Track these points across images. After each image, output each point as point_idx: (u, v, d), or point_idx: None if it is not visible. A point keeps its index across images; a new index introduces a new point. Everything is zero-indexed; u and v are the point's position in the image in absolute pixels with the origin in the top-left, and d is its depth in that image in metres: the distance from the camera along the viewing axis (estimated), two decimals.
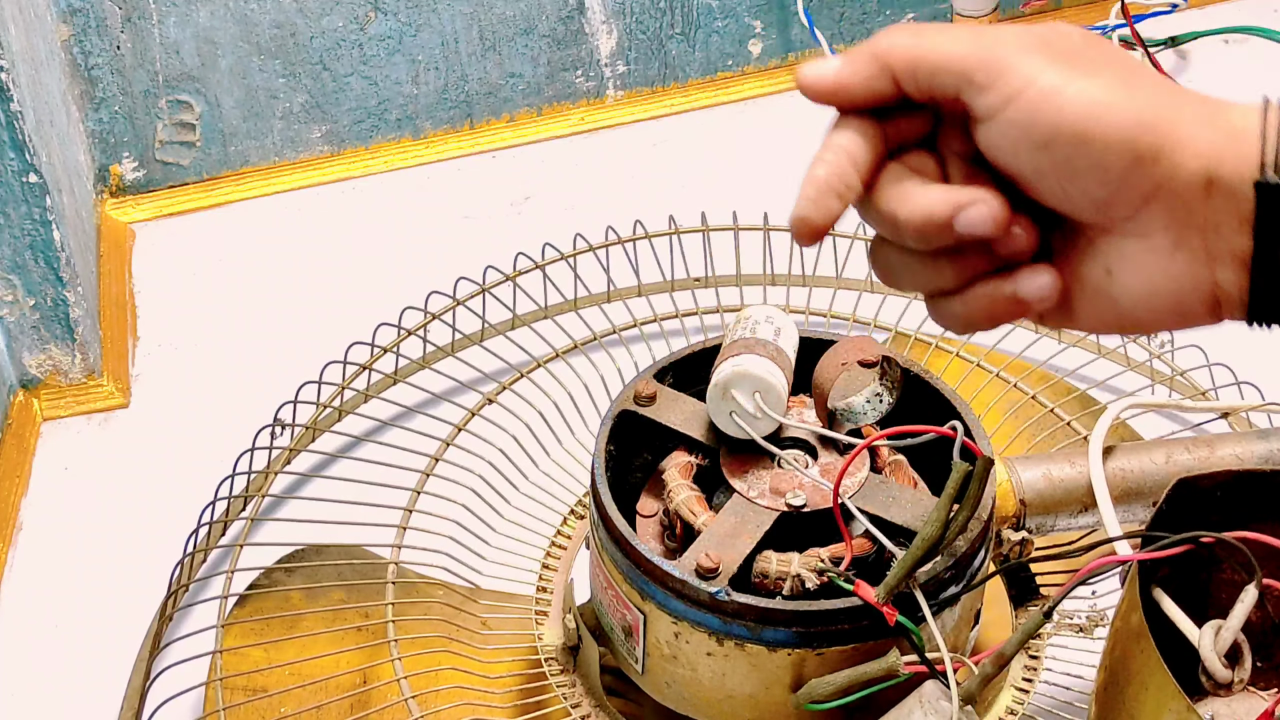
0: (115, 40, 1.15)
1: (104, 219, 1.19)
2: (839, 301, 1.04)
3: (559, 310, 1.04)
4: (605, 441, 0.75)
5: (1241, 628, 0.64)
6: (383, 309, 1.02)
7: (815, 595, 0.68)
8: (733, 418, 0.73)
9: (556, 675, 0.79)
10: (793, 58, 1.34)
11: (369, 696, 0.81)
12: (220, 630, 0.83)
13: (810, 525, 0.71)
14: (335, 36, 1.20)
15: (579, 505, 0.89)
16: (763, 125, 1.29)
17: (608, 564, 0.72)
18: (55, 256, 1.00)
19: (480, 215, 1.21)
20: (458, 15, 1.22)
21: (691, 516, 0.72)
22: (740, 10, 1.29)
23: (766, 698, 0.70)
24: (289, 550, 0.89)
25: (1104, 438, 0.81)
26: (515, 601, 0.85)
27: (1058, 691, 0.79)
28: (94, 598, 0.93)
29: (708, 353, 0.79)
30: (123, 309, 1.12)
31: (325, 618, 0.85)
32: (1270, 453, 0.82)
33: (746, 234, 1.06)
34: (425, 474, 0.92)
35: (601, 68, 1.29)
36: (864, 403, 0.74)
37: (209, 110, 1.21)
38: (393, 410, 0.99)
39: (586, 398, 0.95)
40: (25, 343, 1.03)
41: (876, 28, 1.34)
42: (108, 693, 0.86)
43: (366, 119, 1.25)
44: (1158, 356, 0.99)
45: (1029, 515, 0.81)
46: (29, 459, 1.01)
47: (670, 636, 0.70)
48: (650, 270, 1.06)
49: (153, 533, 0.95)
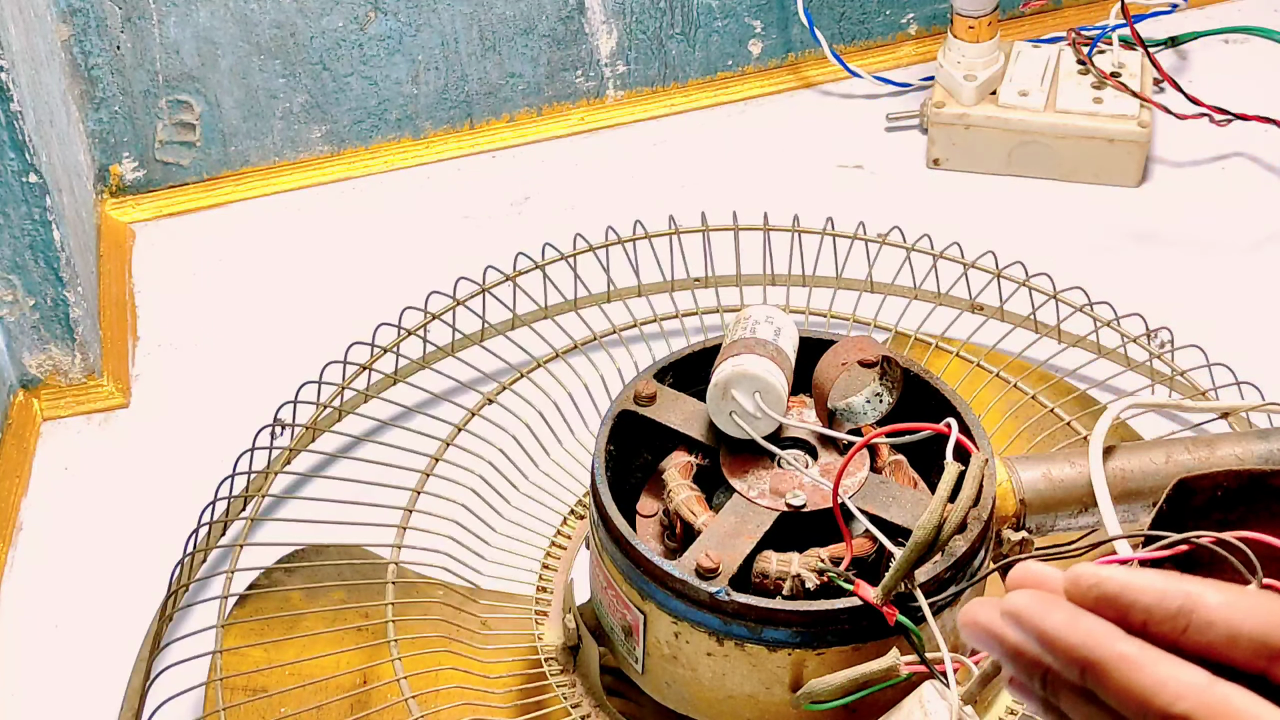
0: (115, 40, 1.15)
1: (104, 219, 1.19)
2: (839, 301, 1.04)
3: (559, 310, 1.04)
4: (605, 441, 0.75)
5: None
6: (383, 309, 1.02)
7: (815, 595, 0.68)
8: (733, 418, 0.73)
9: (556, 675, 0.79)
10: (793, 57, 1.34)
11: (369, 696, 0.81)
12: (220, 630, 0.83)
13: (810, 525, 0.72)
14: (335, 36, 1.20)
15: (579, 505, 0.89)
16: (763, 125, 1.29)
17: (608, 564, 0.72)
18: (55, 256, 1.00)
19: (480, 215, 1.21)
20: (458, 15, 1.22)
21: (691, 516, 0.72)
22: (740, 10, 1.29)
23: (766, 698, 0.70)
24: (289, 550, 0.89)
25: (1104, 438, 0.81)
26: (515, 601, 0.85)
27: None
28: (94, 598, 0.93)
29: (708, 353, 0.79)
30: (123, 309, 1.12)
31: (325, 618, 0.85)
32: (1270, 453, 0.82)
33: (746, 234, 1.06)
34: (425, 474, 0.92)
35: (601, 68, 1.29)
36: (864, 403, 0.74)
37: (209, 110, 1.21)
38: (393, 410, 0.99)
39: (586, 398, 0.95)
40: (25, 343, 1.03)
41: (876, 28, 1.34)
42: (108, 693, 0.86)
43: (366, 119, 1.25)
44: (1158, 356, 0.99)
45: (1029, 515, 0.81)
46: (29, 459, 1.01)
47: (670, 636, 0.70)
48: (650, 270, 1.06)
49: (153, 533, 0.95)
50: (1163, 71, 1.22)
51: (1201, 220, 1.18)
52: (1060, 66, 1.24)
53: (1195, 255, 1.15)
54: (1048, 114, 1.20)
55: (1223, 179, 1.22)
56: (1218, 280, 1.12)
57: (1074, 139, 1.20)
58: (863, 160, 1.25)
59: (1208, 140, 1.23)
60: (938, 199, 1.21)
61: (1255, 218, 1.18)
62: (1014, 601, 0.40)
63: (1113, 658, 0.38)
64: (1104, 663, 0.38)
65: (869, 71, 1.31)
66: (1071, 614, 0.39)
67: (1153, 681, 0.38)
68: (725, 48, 1.31)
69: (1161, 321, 1.01)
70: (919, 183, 1.23)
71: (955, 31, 1.22)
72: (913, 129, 1.27)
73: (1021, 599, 0.40)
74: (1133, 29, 1.22)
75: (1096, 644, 0.39)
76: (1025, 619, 0.40)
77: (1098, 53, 1.25)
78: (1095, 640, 0.39)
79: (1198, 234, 1.16)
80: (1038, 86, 1.22)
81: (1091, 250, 1.15)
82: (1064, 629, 0.39)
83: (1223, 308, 1.09)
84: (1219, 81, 1.27)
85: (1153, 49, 1.25)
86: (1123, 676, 0.38)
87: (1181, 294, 1.10)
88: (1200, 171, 1.22)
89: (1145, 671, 0.38)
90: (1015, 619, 0.40)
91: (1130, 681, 0.38)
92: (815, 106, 1.31)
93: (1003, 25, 1.29)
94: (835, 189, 1.22)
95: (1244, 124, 1.18)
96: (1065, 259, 1.10)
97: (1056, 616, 0.40)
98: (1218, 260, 1.14)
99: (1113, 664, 0.38)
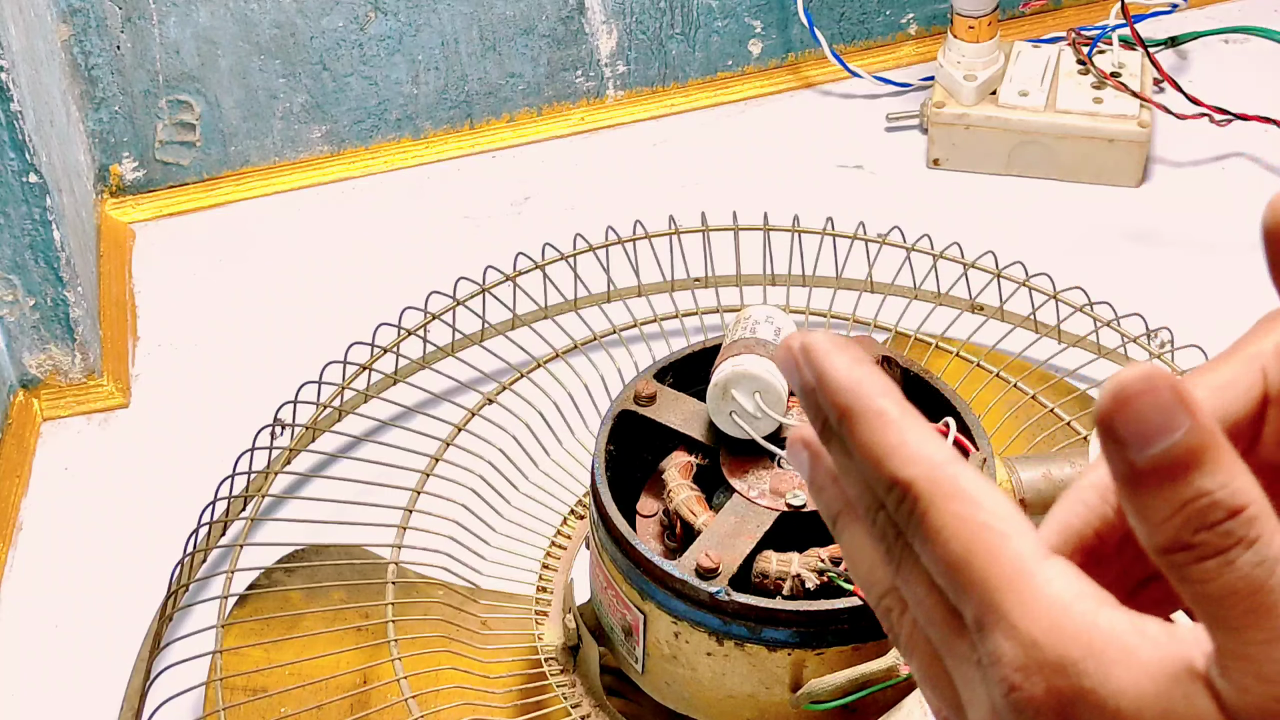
0: (115, 40, 1.15)
1: (104, 219, 1.19)
2: (839, 301, 1.04)
3: (559, 310, 1.04)
4: (605, 441, 0.75)
5: None
6: (383, 309, 1.02)
7: (815, 595, 0.68)
8: (733, 418, 0.73)
9: (556, 675, 0.79)
10: (793, 57, 1.34)
11: (369, 696, 0.81)
12: (220, 630, 0.83)
13: (810, 525, 0.72)
14: (335, 36, 1.20)
15: (579, 505, 0.89)
16: (763, 125, 1.29)
17: (608, 564, 0.72)
18: (55, 256, 1.00)
19: (480, 215, 1.21)
20: (458, 15, 1.22)
21: (691, 516, 0.72)
22: (740, 10, 1.29)
23: (766, 698, 0.70)
24: (289, 550, 0.89)
25: None
26: (515, 601, 0.85)
27: None
28: (94, 598, 0.93)
29: (708, 353, 0.79)
30: (123, 309, 1.12)
31: (325, 618, 0.85)
32: None
33: (746, 234, 1.06)
34: (425, 474, 0.92)
35: (601, 68, 1.29)
36: None
37: (209, 110, 1.21)
38: (393, 410, 0.99)
39: (586, 398, 0.95)
40: (25, 343, 1.03)
41: (876, 28, 1.34)
42: (108, 693, 0.86)
43: (366, 119, 1.25)
44: (1157, 356, 0.99)
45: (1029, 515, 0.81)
46: (29, 459, 1.01)
47: (670, 636, 0.70)
48: (650, 270, 1.06)
49: (153, 533, 0.95)
50: (1163, 71, 1.22)
51: (1201, 220, 1.18)
52: (1060, 66, 1.24)
53: (1195, 255, 1.15)
54: (1048, 114, 1.20)
55: (1223, 179, 1.22)
56: (1218, 280, 1.12)
57: (1074, 139, 1.20)
58: (863, 160, 1.25)
59: (1208, 140, 1.23)
60: (938, 199, 1.21)
61: (1255, 218, 1.17)
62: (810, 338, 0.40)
63: (868, 410, 0.38)
64: (858, 413, 0.38)
65: (869, 71, 1.31)
66: (853, 361, 0.39)
67: (894, 443, 0.37)
68: (725, 48, 1.31)
69: (1161, 321, 1.01)
70: (919, 183, 1.23)
71: (955, 31, 1.22)
72: (913, 129, 1.27)
73: (818, 339, 0.40)
74: (1133, 29, 1.22)
75: (859, 393, 0.38)
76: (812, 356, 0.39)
77: (1098, 53, 1.25)
78: (860, 389, 0.38)
79: (1198, 234, 1.16)
80: (1038, 86, 1.22)
81: (1091, 250, 1.15)
82: (835, 372, 0.39)
83: (1223, 308, 1.09)
84: (1219, 81, 1.27)
85: (1153, 49, 1.25)
86: (869, 430, 0.37)
87: (1181, 294, 1.10)
88: (1200, 171, 1.22)
89: (890, 431, 0.37)
90: (805, 354, 0.39)
91: (873, 438, 0.37)
92: (815, 106, 1.31)
93: (1003, 25, 1.29)
94: (835, 189, 1.22)
95: (1244, 124, 1.18)
96: (1065, 259, 1.10)
97: (838, 359, 0.39)
98: (1218, 260, 1.14)
99: (866, 416, 0.37)
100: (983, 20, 1.21)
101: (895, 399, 0.37)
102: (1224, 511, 0.32)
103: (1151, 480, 0.33)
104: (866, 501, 0.38)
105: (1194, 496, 0.33)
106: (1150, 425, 0.33)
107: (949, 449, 0.37)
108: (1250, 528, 0.32)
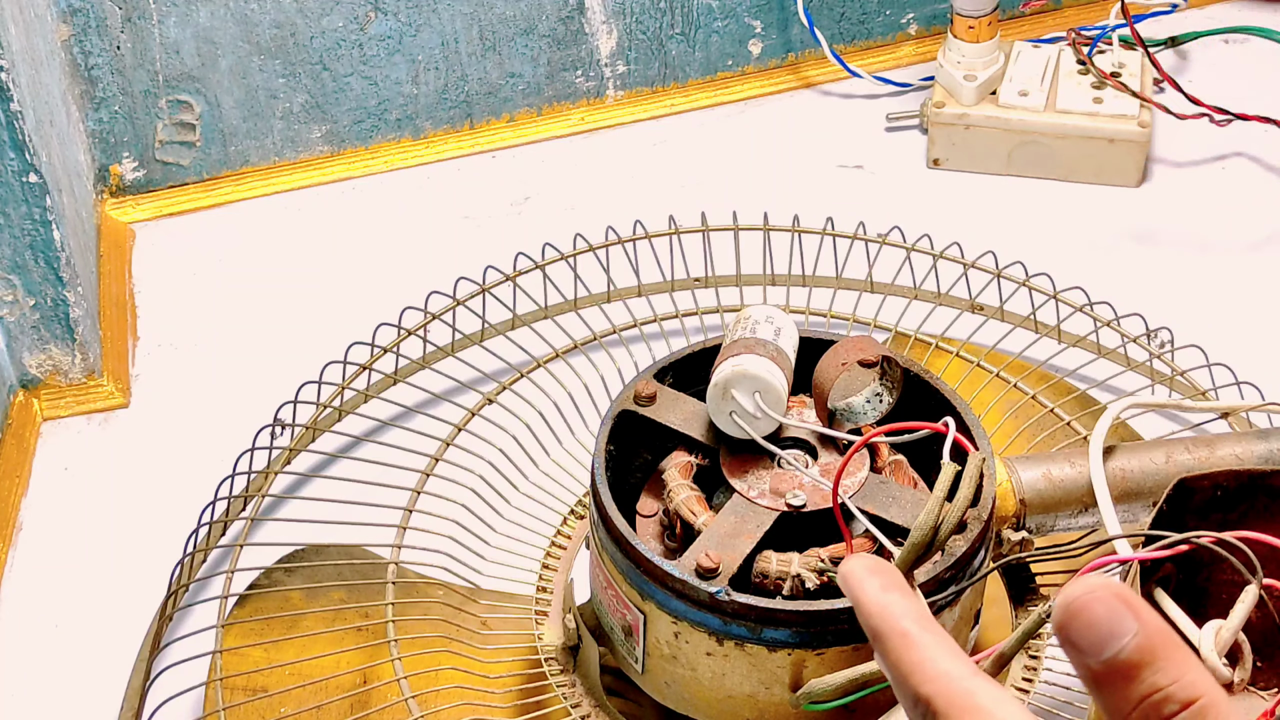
0: (115, 40, 1.15)
1: (104, 219, 1.19)
2: (839, 301, 1.04)
3: (559, 310, 1.04)
4: (605, 441, 0.75)
5: (1242, 628, 0.64)
6: (383, 309, 1.02)
7: (815, 595, 0.68)
8: (733, 418, 0.73)
9: (556, 675, 0.79)
10: (792, 57, 1.34)
11: (369, 696, 0.81)
12: (220, 630, 0.83)
13: (810, 525, 0.72)
14: (335, 36, 1.20)
15: (579, 505, 0.89)
16: (763, 125, 1.29)
17: (608, 564, 0.72)
18: (55, 256, 1.00)
19: (480, 215, 1.21)
20: (458, 15, 1.22)
21: (691, 516, 0.72)
22: (740, 10, 1.29)
23: (766, 698, 0.70)
24: (289, 550, 0.89)
25: (1104, 438, 0.81)
26: (515, 601, 0.85)
27: (1058, 691, 0.79)
28: (94, 598, 0.93)
29: (708, 353, 0.79)
30: (123, 309, 1.12)
31: (325, 618, 0.85)
32: (1270, 453, 0.82)
33: (746, 234, 1.06)
34: (425, 474, 0.92)
35: (601, 68, 1.29)
36: (864, 403, 0.74)
37: (209, 110, 1.21)
38: (393, 410, 0.99)
39: (586, 398, 0.95)
40: (25, 343, 1.03)
41: (876, 28, 1.34)
42: (108, 693, 0.86)
43: (366, 119, 1.25)
44: (1158, 356, 0.99)
45: (1029, 515, 0.81)
46: (29, 459, 1.01)
47: (670, 636, 0.70)
48: (650, 270, 1.06)
49: (153, 533, 0.95)
50: (1163, 71, 1.22)
51: (1201, 220, 1.18)
52: (1060, 66, 1.24)
53: (1195, 255, 1.15)
54: (1048, 114, 1.20)
55: (1223, 179, 1.22)
56: (1218, 280, 1.12)
57: (1074, 139, 1.20)
58: (863, 160, 1.25)
59: (1208, 140, 1.23)
60: (938, 199, 1.21)
61: (1255, 218, 1.18)
62: (847, 565, 0.44)
63: (893, 632, 0.41)
64: (885, 635, 0.42)
65: (869, 71, 1.31)
66: (884, 585, 0.43)
67: (916, 661, 0.41)
68: (725, 48, 1.31)
69: (1161, 321, 1.01)
70: (919, 183, 1.23)
71: (955, 31, 1.22)
72: (913, 129, 1.27)
73: (856, 564, 0.44)
74: (1133, 29, 1.22)
75: (885, 617, 0.42)
76: (848, 585, 0.44)
77: (1098, 53, 1.25)
78: (887, 614, 0.42)
79: (1198, 234, 1.16)
80: (1038, 86, 1.22)
81: (1091, 250, 1.15)
82: (866, 598, 0.43)
83: (1223, 308, 1.09)
84: (1219, 81, 1.27)
85: (1153, 49, 1.25)
86: (894, 650, 0.41)
87: (1181, 294, 1.10)
88: (1200, 171, 1.22)
89: (913, 651, 0.41)
90: (843, 582, 0.44)
91: (899, 657, 0.41)
92: (815, 106, 1.31)
93: (1003, 25, 1.29)
94: (835, 189, 1.22)
95: (1244, 124, 1.18)
96: (1065, 259, 1.10)
97: (869, 584, 0.43)
98: (1218, 260, 1.14)
99: (891, 638, 0.41)
100: (983, 20, 1.21)
101: (918, 619, 0.41)
102: (1178, 704, 0.35)
103: (1108, 680, 0.36)
104: (906, 708, 0.42)
105: (1149, 692, 0.36)
106: (1101, 632, 0.36)
107: (968, 665, 0.40)
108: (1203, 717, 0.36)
